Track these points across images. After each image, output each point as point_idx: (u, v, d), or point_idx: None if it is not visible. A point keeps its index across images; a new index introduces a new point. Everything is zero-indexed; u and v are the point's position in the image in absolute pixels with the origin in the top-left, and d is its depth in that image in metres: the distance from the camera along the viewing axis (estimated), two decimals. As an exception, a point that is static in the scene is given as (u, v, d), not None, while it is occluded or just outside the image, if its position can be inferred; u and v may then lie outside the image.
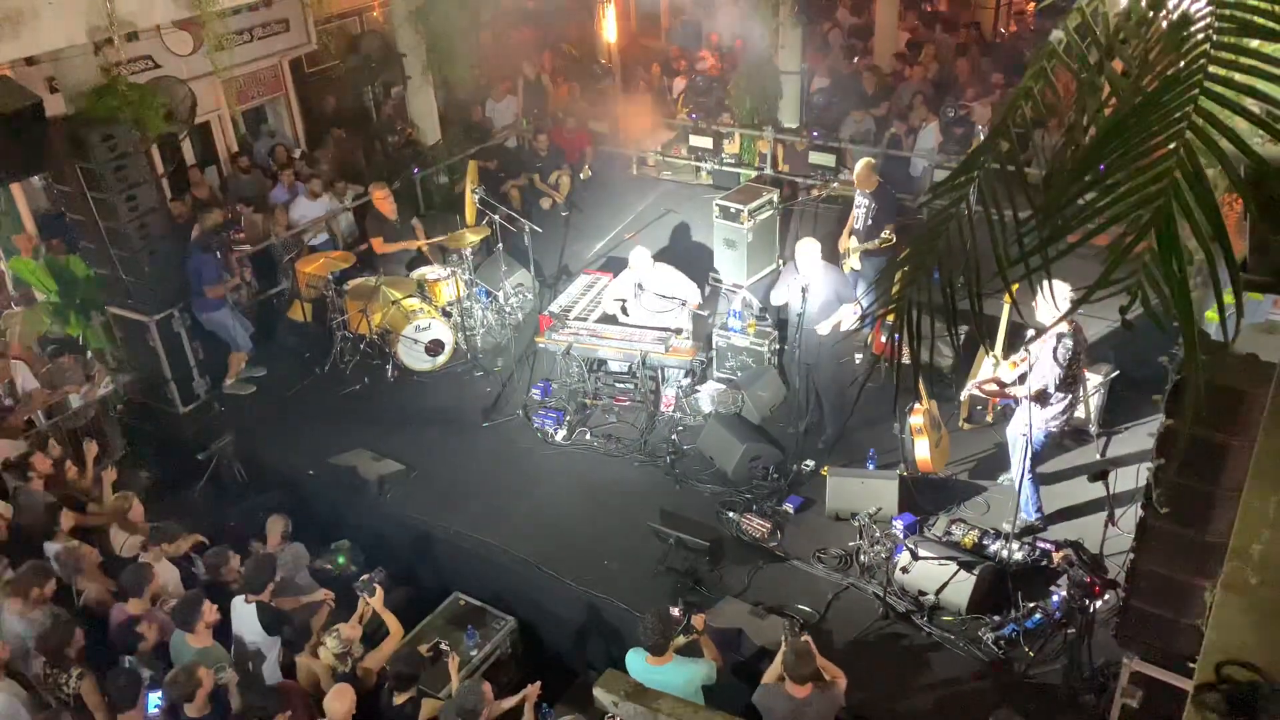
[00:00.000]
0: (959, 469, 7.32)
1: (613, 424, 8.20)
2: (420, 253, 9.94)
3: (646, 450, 7.82)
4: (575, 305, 8.86)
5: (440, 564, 7.20)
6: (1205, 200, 2.19)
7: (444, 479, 7.75)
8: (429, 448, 8.11)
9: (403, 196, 9.86)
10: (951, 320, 2.81)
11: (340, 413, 8.65)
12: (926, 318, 2.84)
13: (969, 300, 2.73)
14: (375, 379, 9.00)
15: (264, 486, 7.80)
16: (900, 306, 2.86)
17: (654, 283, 8.27)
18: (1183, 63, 2.40)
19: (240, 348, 8.92)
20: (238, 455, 7.97)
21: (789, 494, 7.14)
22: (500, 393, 8.77)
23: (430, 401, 8.78)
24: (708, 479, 7.47)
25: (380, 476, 7.63)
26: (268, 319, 9.77)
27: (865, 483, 6.82)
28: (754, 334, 8.43)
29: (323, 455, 7.95)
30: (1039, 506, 6.56)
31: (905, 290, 2.86)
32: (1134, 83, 2.56)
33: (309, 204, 10.45)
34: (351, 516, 7.51)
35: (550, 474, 7.74)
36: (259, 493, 7.69)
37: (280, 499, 7.45)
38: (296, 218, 10.34)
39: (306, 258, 9.32)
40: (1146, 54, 2.61)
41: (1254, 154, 2.26)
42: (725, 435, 7.52)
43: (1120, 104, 2.56)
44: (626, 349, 8.04)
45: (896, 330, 2.87)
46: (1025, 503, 6.49)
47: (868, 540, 6.45)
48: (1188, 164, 2.21)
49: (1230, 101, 2.28)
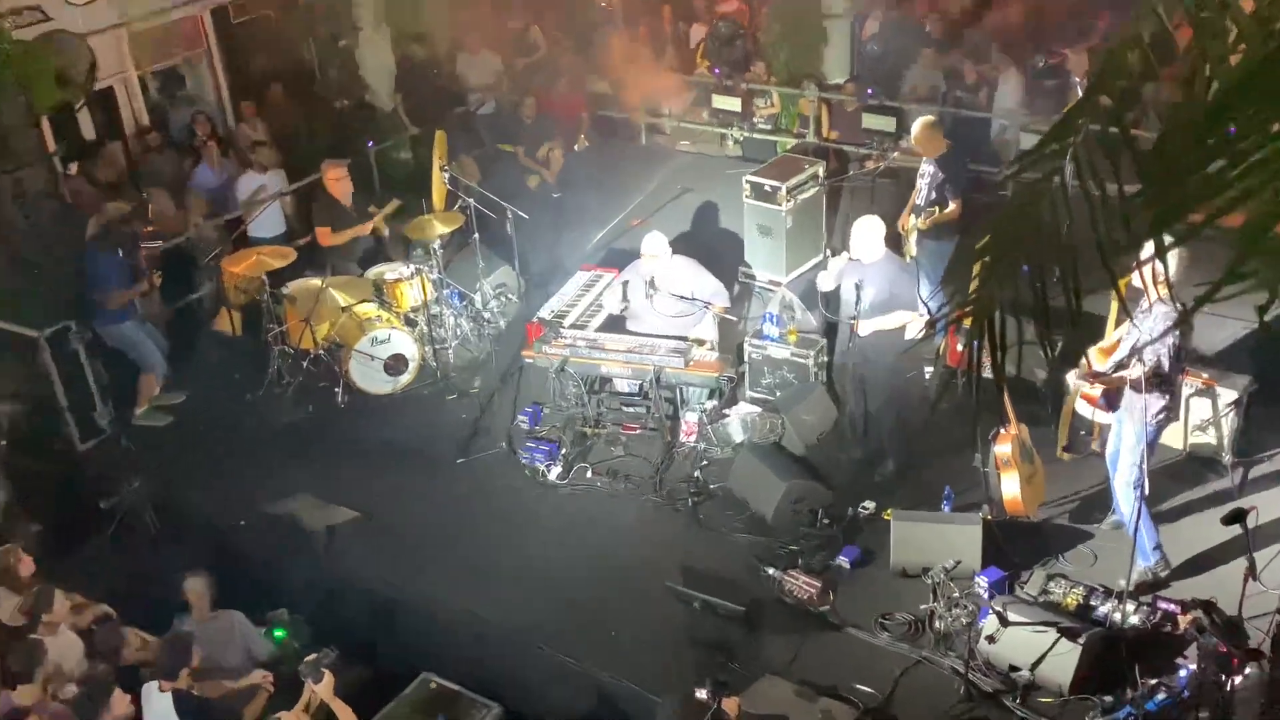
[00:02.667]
0: (1057, 510, 7.29)
1: (620, 458, 8.21)
2: (378, 244, 9.99)
3: (663, 491, 7.83)
4: (571, 310, 8.89)
5: (405, 638, 7.20)
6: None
7: (409, 530, 7.76)
8: (390, 491, 8.11)
9: (354, 176, 9.93)
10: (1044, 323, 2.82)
11: (278, 448, 8.67)
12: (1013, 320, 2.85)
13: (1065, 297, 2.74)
14: (322, 405, 9.04)
15: (183, 541, 7.82)
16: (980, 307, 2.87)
17: (671, 280, 8.30)
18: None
19: (152, 369, 8.98)
20: (151, 502, 8.00)
21: (843, 545, 7.14)
22: (478, 420, 8.79)
23: (391, 432, 8.80)
24: (741, 526, 7.46)
25: (329, 527, 7.64)
26: (187, 332, 9.82)
27: (939, 529, 6.81)
28: (796, 343, 8.44)
29: (257, 502, 7.97)
30: (1157, 543, 6.53)
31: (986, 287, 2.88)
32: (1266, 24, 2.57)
33: (258, 179, 10.52)
34: (293, 578, 7.51)
35: (542, 522, 7.74)
36: (177, 549, 7.70)
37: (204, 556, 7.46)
38: (243, 196, 10.41)
39: (235, 254, 9.37)
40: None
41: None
42: (762, 471, 7.52)
43: (1250, 50, 2.58)
44: (636, 364, 8.07)
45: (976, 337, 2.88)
46: (1139, 540, 6.47)
47: (943, 602, 6.42)
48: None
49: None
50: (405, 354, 9.13)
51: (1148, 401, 6.21)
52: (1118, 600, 6.30)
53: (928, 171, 8.53)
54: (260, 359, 9.28)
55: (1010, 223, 2.92)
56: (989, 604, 6.29)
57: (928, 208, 8.45)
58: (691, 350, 7.99)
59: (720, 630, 6.57)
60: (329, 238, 9.67)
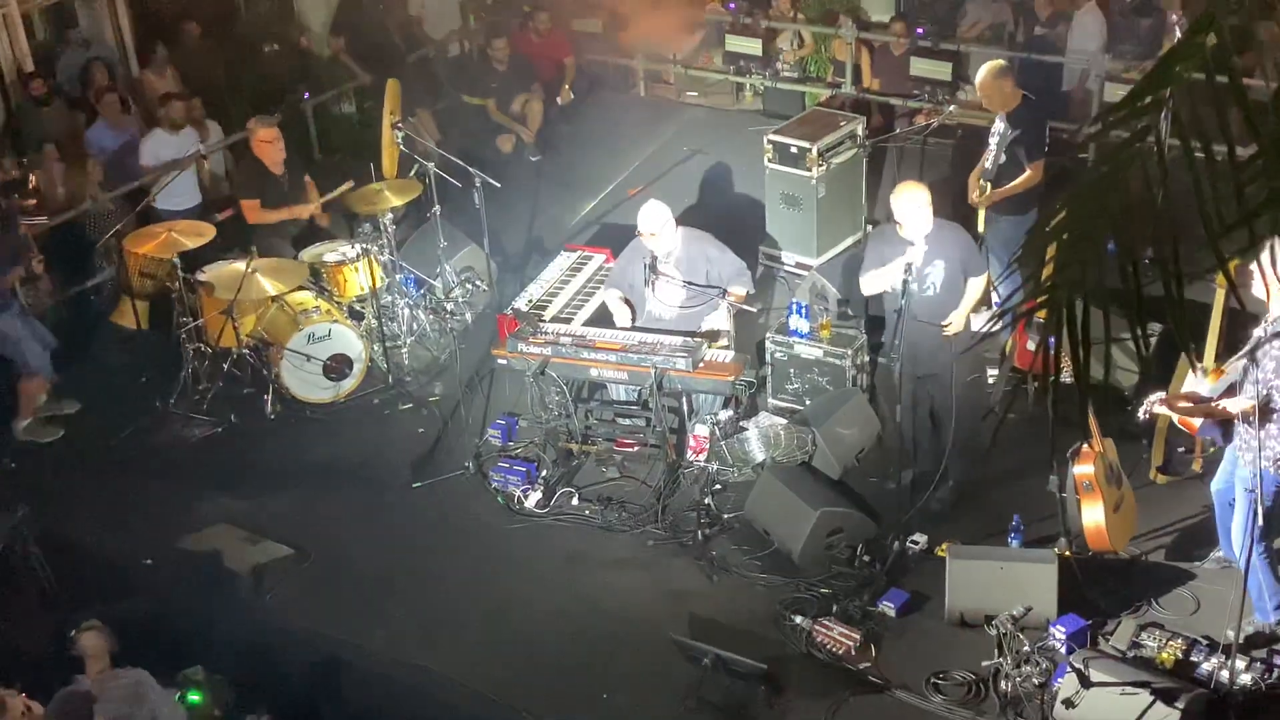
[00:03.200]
0: (1151, 545, 7.29)
1: (613, 481, 8.22)
2: (314, 222, 10.00)
3: (666, 522, 7.84)
4: (554, 299, 8.90)
5: (352, 701, 7.20)
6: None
7: (355, 570, 7.76)
8: (331, 522, 8.11)
9: (287, 137, 9.93)
10: (1137, 316, 2.82)
11: (194, 469, 8.67)
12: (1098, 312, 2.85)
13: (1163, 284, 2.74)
14: (247, 416, 9.04)
15: (78, 585, 7.81)
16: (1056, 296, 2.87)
17: (678, 261, 8.29)
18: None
19: (36, 372, 8.98)
20: (36, 537, 7.99)
21: (888, 587, 7.14)
22: (440, 436, 8.80)
23: (332, 450, 8.80)
24: (761, 565, 7.47)
25: (257, 566, 7.64)
26: (81, 327, 9.81)
27: (1006, 568, 6.81)
28: (829, 340, 8.45)
29: (168, 536, 7.96)
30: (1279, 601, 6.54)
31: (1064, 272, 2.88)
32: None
33: (169, 140, 10.51)
34: (213, 629, 7.51)
35: (518, 560, 7.74)
36: (70, 595, 7.69)
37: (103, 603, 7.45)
38: (150, 162, 10.41)
39: (140, 231, 9.37)
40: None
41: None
42: (788, 497, 7.53)
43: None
44: (633, 366, 8.07)
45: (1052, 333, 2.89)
46: (1256, 594, 6.47)
47: (1011, 657, 6.43)
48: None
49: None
50: (349, 354, 9.13)
51: (1265, 439, 6.14)
52: (1225, 656, 6.29)
53: (999, 129, 8.51)
54: (171, 359, 9.27)
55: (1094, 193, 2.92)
56: (1067, 660, 6.29)
57: (1000, 175, 8.37)
58: (702, 349, 7.97)
59: (736, 691, 6.56)
60: (258, 213, 9.66)
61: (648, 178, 10.93)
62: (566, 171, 11.44)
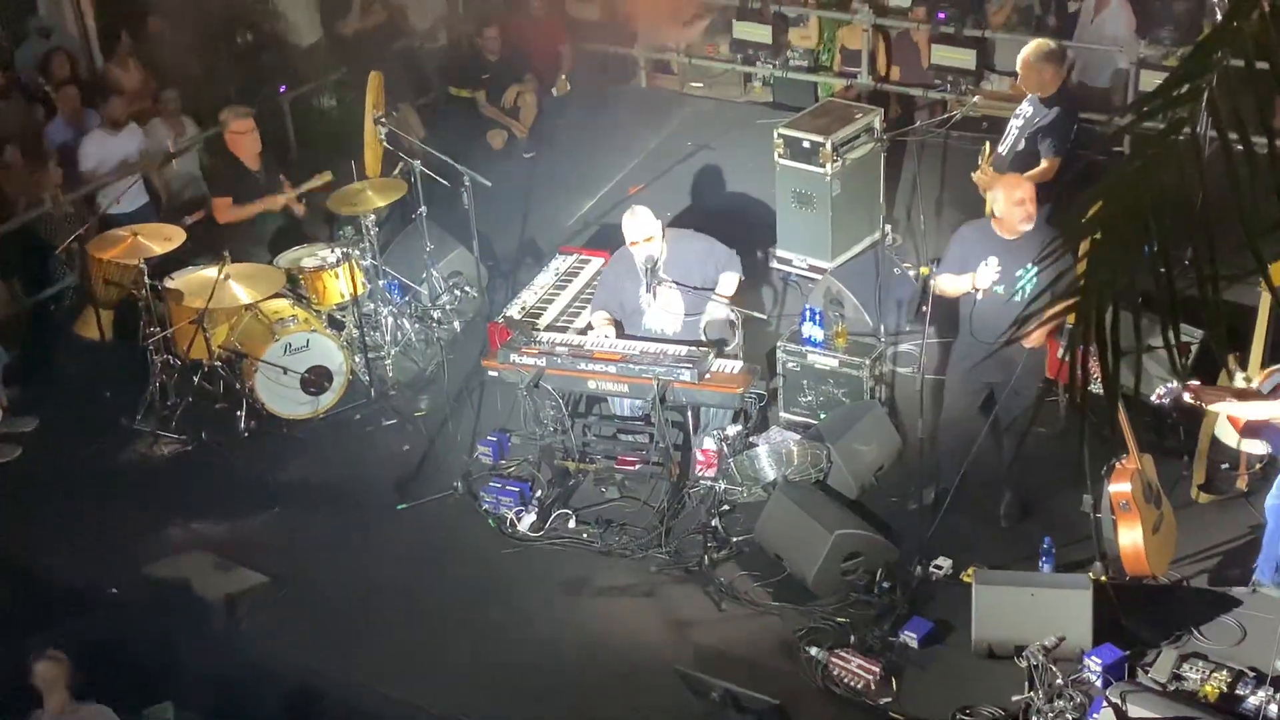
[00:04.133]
0: (1193, 568, 7.28)
1: (614, 502, 8.22)
2: (292, 222, 10.00)
3: (670, 546, 7.83)
4: (548, 307, 8.90)
5: (331, 740, 7.21)
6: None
7: (335, 598, 7.76)
8: (309, 547, 8.11)
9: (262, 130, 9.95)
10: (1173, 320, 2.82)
11: (162, 490, 8.67)
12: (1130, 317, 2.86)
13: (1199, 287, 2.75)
14: (219, 433, 9.04)
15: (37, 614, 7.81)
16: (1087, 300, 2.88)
17: (666, 265, 8.30)
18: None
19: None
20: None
21: (910, 616, 7.14)
22: (427, 453, 8.80)
23: (311, 469, 8.81)
24: (773, 592, 7.47)
25: (230, 595, 7.63)
26: (41, 338, 9.81)
27: (1037, 595, 6.80)
28: (845, 349, 8.46)
29: (135, 562, 7.96)
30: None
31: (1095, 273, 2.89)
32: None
33: (108, 140, 10.55)
34: (183, 662, 7.52)
35: (511, 587, 7.74)
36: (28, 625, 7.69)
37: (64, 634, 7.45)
38: (91, 166, 10.44)
39: (104, 236, 9.39)
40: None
41: None
42: (801, 519, 7.53)
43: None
44: (634, 377, 8.07)
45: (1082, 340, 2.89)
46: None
47: (1043, 691, 6.42)
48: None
49: None
50: (329, 366, 9.14)
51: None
52: (1273, 689, 6.28)
53: (1024, 112, 8.51)
54: (138, 373, 9.26)
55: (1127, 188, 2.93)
56: (1103, 694, 6.29)
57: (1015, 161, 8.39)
58: (708, 359, 7.97)
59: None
60: (229, 211, 9.68)
61: (649, 175, 10.94)
62: (562, 169, 11.44)
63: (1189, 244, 2.78)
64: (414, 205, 9.55)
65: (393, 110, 10.29)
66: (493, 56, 11.98)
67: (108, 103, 10.65)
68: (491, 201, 9.85)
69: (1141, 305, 2.90)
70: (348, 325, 9.45)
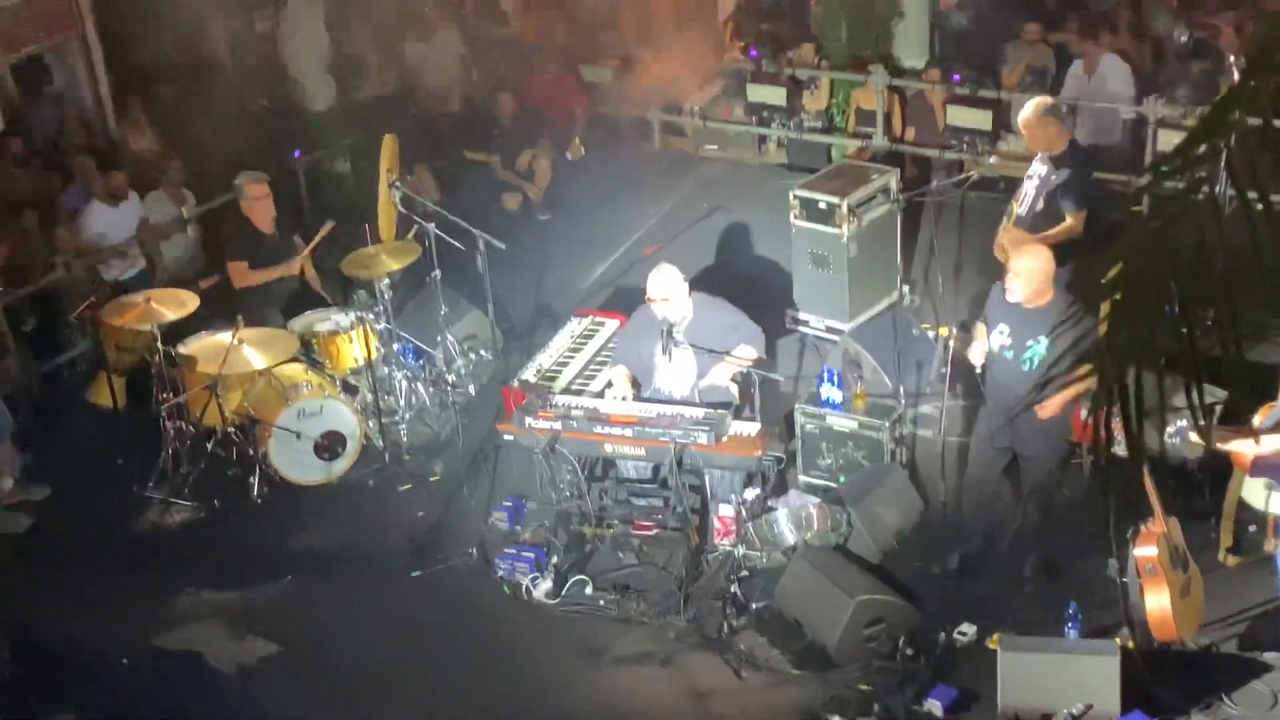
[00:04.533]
0: (1222, 633, 7.22)
1: (631, 568, 8.18)
2: (304, 285, 10.05)
3: (689, 612, 7.79)
4: (564, 369, 8.90)
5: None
6: None
7: (348, 667, 7.73)
8: (323, 614, 8.09)
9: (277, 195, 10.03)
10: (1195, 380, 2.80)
11: (174, 558, 8.67)
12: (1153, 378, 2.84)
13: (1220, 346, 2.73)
14: (233, 499, 9.05)
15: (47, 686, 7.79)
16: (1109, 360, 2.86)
17: (689, 329, 8.30)
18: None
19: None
20: (2, 634, 7.98)
21: (934, 683, 7.07)
22: (441, 519, 8.79)
23: (324, 536, 8.81)
24: (793, 660, 7.42)
25: (242, 665, 7.62)
26: (53, 405, 9.85)
27: (1063, 661, 6.74)
28: (865, 410, 8.44)
29: (146, 632, 7.95)
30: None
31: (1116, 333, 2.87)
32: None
33: (108, 212, 10.62)
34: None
35: (526, 655, 7.70)
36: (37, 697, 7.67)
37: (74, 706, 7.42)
38: (92, 235, 10.53)
39: (117, 302, 9.44)
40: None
41: None
42: (822, 584, 7.49)
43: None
44: (651, 441, 8.05)
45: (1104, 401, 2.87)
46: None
47: (1071, 760, 6.36)
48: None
49: None
50: (343, 431, 9.15)
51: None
52: (1307, 755, 6.22)
53: (1038, 172, 8.54)
54: (150, 439, 9.29)
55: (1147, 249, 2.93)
56: (1133, 763, 6.22)
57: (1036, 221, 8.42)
58: (725, 421, 7.96)
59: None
60: (245, 275, 9.74)
61: (664, 236, 10.99)
62: (577, 231, 11.51)
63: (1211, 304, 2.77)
64: (428, 268, 9.59)
65: (407, 174, 10.37)
66: (506, 121, 12.08)
67: (107, 176, 10.73)
68: (506, 264, 9.89)
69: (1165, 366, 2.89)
70: (362, 390, 9.47)
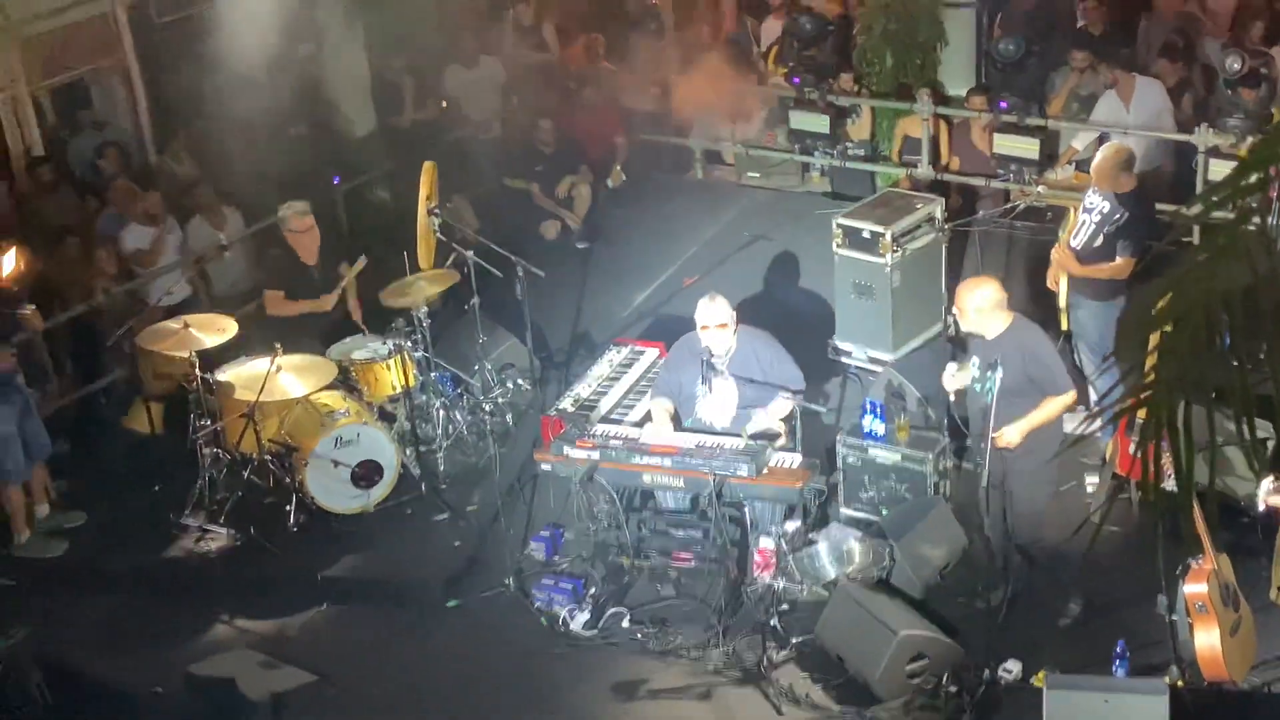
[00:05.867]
0: (1274, 673, 7.16)
1: (669, 601, 8.18)
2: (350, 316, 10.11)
3: (728, 646, 7.78)
4: (602, 399, 8.93)
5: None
6: None
7: (384, 698, 7.74)
8: (358, 644, 8.12)
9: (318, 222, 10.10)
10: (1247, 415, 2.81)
11: (209, 587, 8.73)
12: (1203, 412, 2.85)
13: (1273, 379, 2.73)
14: (269, 528, 9.06)
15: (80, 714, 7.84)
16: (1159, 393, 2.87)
17: (731, 360, 8.32)
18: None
19: (11, 476, 8.95)
20: (37, 661, 8.03)
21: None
22: (478, 549, 8.81)
23: (360, 565, 8.84)
24: (835, 695, 7.39)
25: (276, 694, 7.63)
26: (89, 431, 9.93)
27: (1111, 700, 6.69)
28: (908, 443, 8.42)
29: (180, 660, 7.98)
30: None
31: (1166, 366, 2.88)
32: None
33: (146, 233, 10.72)
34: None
35: (564, 688, 7.71)
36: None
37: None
38: (129, 252, 10.63)
39: (154, 328, 9.48)
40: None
41: None
42: (864, 619, 7.46)
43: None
44: (691, 471, 8.07)
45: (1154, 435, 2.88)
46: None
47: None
48: None
49: None
50: (380, 459, 9.17)
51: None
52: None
53: (1099, 207, 8.56)
54: (187, 466, 9.35)
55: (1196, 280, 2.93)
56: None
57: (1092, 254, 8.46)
58: (766, 453, 7.97)
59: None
60: (280, 305, 9.81)
61: (705, 266, 10.98)
62: (616, 260, 11.52)
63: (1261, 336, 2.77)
64: (466, 296, 9.64)
65: (446, 201, 10.42)
66: (547, 149, 12.14)
67: (144, 197, 10.82)
68: (545, 293, 9.95)
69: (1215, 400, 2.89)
70: (399, 418, 9.50)
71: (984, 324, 7.43)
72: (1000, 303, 7.45)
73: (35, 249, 10.18)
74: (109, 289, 10.30)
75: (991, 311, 7.43)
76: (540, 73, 13.17)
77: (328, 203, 11.47)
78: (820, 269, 10.13)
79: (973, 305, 7.43)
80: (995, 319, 7.44)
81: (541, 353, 10.27)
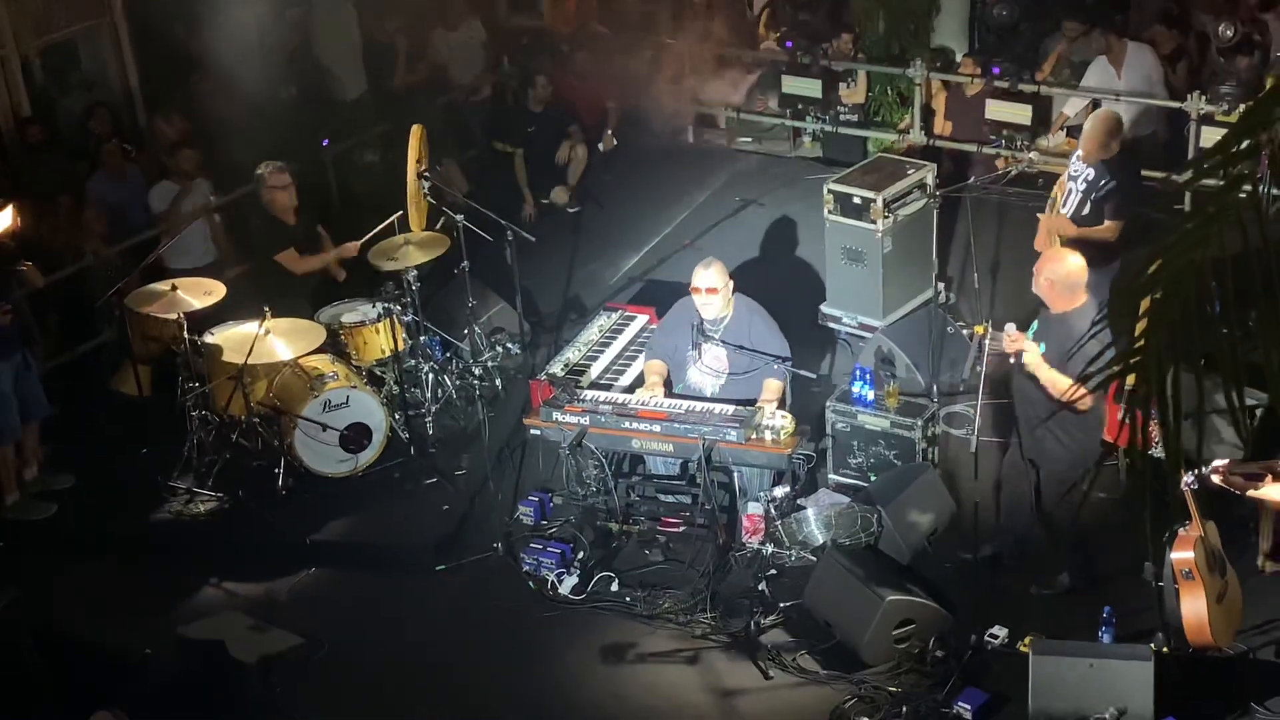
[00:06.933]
0: (1259, 639, 7.18)
1: (658, 566, 8.20)
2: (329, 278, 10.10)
3: (716, 611, 7.81)
4: (592, 363, 8.93)
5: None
6: None
7: (373, 661, 7.76)
8: (347, 608, 8.14)
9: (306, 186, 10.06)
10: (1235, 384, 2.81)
11: (198, 549, 8.73)
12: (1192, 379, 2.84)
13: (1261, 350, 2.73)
14: (257, 491, 9.07)
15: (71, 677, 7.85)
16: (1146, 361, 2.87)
17: (725, 328, 8.32)
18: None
19: (2, 438, 8.93)
20: (27, 624, 8.04)
21: (964, 687, 7.06)
22: (467, 513, 8.82)
23: (349, 529, 8.84)
24: (822, 660, 7.42)
25: (265, 656, 7.63)
26: (78, 394, 9.90)
27: (1096, 666, 6.73)
28: (897, 409, 8.44)
29: (170, 623, 7.98)
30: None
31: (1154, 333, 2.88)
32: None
33: (173, 189, 10.68)
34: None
35: (552, 652, 7.73)
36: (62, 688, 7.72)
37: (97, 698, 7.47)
38: (159, 210, 10.61)
39: (142, 290, 9.43)
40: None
41: None
42: (852, 584, 7.49)
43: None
44: (680, 437, 8.08)
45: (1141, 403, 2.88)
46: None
47: (1104, 767, 6.36)
48: None
49: None
50: (368, 423, 9.17)
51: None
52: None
53: (1082, 172, 8.56)
54: (175, 429, 9.34)
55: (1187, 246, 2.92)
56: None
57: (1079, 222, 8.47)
58: (756, 418, 7.98)
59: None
60: (299, 262, 9.83)
61: (696, 230, 10.97)
62: (607, 224, 11.50)
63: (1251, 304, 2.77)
64: (456, 260, 9.60)
65: (436, 165, 10.37)
66: (538, 109, 12.05)
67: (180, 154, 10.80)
68: (535, 257, 9.92)
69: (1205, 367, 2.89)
70: (388, 382, 9.50)
71: (1053, 297, 7.27)
72: (1076, 285, 7.26)
73: (25, 209, 10.15)
74: (98, 250, 10.26)
75: (1065, 288, 7.27)
76: (530, 35, 13.10)
77: (317, 166, 11.41)
78: (811, 235, 10.13)
79: (1046, 276, 7.27)
80: (1065, 296, 7.28)
81: (531, 317, 10.26)
